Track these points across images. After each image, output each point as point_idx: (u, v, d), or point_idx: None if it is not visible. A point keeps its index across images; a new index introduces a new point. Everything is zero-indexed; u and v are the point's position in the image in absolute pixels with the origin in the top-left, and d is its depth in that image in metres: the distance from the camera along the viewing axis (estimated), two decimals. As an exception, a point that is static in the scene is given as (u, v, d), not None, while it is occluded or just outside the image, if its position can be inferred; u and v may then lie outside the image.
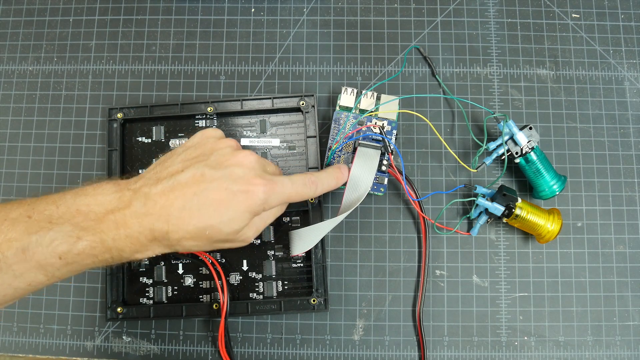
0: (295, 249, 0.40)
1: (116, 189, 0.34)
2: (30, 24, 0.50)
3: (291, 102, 0.45)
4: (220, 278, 0.42)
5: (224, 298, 0.41)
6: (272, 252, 0.44)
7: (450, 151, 0.46)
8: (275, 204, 0.36)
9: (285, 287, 0.43)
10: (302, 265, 0.44)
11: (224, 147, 0.36)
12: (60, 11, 0.50)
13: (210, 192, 0.33)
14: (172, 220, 0.32)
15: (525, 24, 0.48)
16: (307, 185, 0.37)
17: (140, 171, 0.45)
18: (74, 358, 0.44)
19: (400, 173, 0.42)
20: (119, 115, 0.45)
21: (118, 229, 0.32)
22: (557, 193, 0.42)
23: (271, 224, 0.44)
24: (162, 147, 0.46)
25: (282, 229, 0.44)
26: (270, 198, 0.35)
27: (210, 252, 0.43)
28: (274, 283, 0.43)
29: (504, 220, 0.42)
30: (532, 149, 0.42)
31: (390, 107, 0.44)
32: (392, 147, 0.42)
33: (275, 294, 0.43)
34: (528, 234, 0.44)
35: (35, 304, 0.45)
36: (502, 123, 0.42)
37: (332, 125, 0.44)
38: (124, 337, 0.44)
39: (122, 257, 0.33)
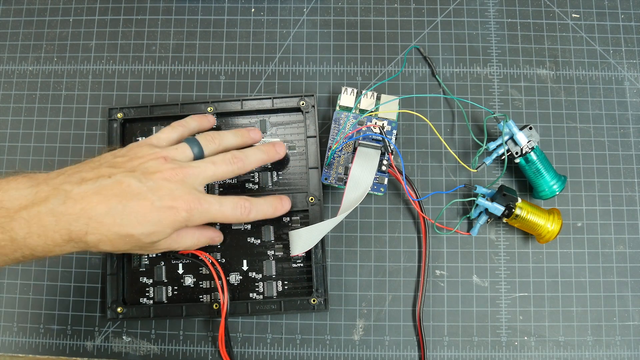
0: (295, 249, 0.40)
1: (32, 183, 0.33)
2: (30, 24, 0.50)
3: (291, 102, 0.45)
4: (220, 278, 0.42)
5: (224, 298, 0.41)
6: (272, 252, 0.44)
7: (450, 151, 0.46)
8: (199, 222, 0.36)
9: (285, 287, 0.43)
10: (302, 265, 0.44)
11: (156, 159, 0.35)
12: (60, 11, 0.50)
13: (135, 203, 0.32)
14: (92, 223, 0.32)
15: (525, 24, 0.48)
16: (237, 209, 0.37)
17: None
18: (74, 358, 0.44)
19: (400, 173, 0.42)
20: (119, 115, 0.45)
21: (30, 227, 0.31)
22: (557, 193, 0.42)
23: (271, 223, 0.44)
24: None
25: (282, 229, 0.44)
26: (194, 216, 0.35)
27: (209, 251, 0.44)
28: (274, 283, 0.43)
29: (504, 220, 0.42)
30: (532, 149, 0.42)
31: (390, 107, 0.44)
32: (392, 147, 0.42)
33: (275, 294, 0.43)
34: (528, 234, 0.44)
35: (35, 304, 0.45)
36: (502, 123, 0.42)
37: (332, 125, 0.44)
38: (124, 337, 0.44)
39: (35, 256, 0.33)
